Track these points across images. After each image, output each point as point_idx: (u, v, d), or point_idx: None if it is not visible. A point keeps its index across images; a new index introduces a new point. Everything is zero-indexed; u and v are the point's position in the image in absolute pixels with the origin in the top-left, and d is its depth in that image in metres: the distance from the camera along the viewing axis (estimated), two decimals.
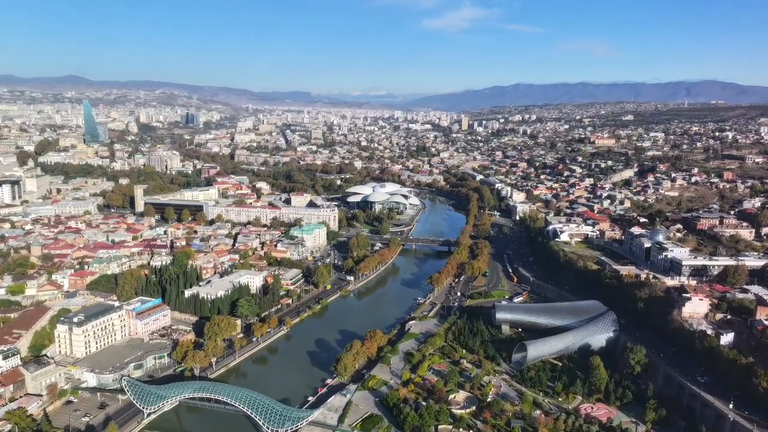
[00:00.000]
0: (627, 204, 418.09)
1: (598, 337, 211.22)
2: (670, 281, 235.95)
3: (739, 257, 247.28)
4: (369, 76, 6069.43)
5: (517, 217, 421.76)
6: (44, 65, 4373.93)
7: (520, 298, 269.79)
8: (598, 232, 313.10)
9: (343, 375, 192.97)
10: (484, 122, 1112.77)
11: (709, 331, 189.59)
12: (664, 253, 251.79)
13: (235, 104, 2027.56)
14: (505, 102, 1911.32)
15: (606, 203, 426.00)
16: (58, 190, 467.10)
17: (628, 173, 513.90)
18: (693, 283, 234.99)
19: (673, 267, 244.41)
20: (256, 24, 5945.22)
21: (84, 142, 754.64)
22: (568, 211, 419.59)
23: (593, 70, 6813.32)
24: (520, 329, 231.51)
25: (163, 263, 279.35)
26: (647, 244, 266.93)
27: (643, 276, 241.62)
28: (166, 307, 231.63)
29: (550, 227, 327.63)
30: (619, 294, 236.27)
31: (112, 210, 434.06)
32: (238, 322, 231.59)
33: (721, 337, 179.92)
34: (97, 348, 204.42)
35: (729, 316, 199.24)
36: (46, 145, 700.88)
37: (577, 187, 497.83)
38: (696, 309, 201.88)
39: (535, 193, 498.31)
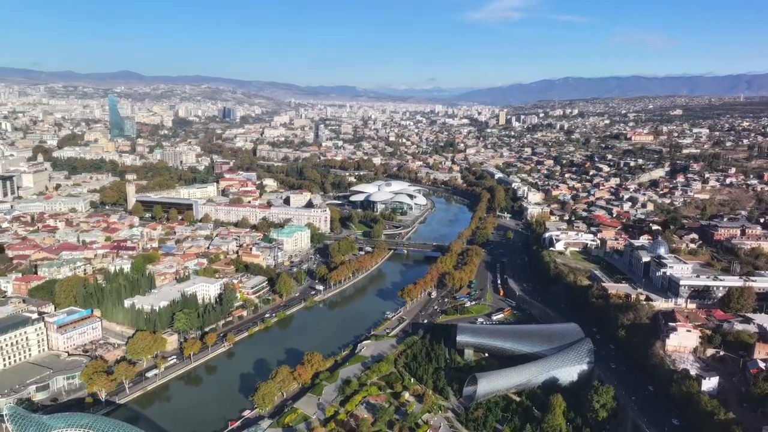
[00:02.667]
0: (650, 207, 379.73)
1: (568, 369, 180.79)
2: (664, 304, 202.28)
3: (754, 276, 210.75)
4: (416, 70, 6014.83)
5: (526, 221, 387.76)
6: (100, 61, 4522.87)
7: (500, 316, 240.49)
8: (598, 242, 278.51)
9: (262, 407, 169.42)
10: (522, 117, 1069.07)
11: (694, 371, 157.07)
12: (662, 270, 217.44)
13: (280, 99, 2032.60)
14: (553, 96, 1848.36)
15: (626, 206, 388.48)
16: (58, 186, 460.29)
17: (659, 173, 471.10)
18: (692, 306, 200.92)
19: (671, 286, 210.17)
20: (301, 19, 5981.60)
21: (110, 137, 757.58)
22: (584, 214, 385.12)
23: (647, 63, 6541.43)
24: (486, 354, 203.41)
25: (117, 268, 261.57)
26: (645, 258, 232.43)
27: (634, 296, 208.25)
28: (96, 318, 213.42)
29: (547, 234, 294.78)
30: (604, 317, 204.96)
31: (107, 207, 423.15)
32: (173, 337, 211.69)
33: (703, 381, 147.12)
34: (6, 365, 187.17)
35: (722, 353, 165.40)
36: (70, 140, 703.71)
37: (600, 188, 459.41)
38: (683, 342, 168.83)
39: (554, 193, 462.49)
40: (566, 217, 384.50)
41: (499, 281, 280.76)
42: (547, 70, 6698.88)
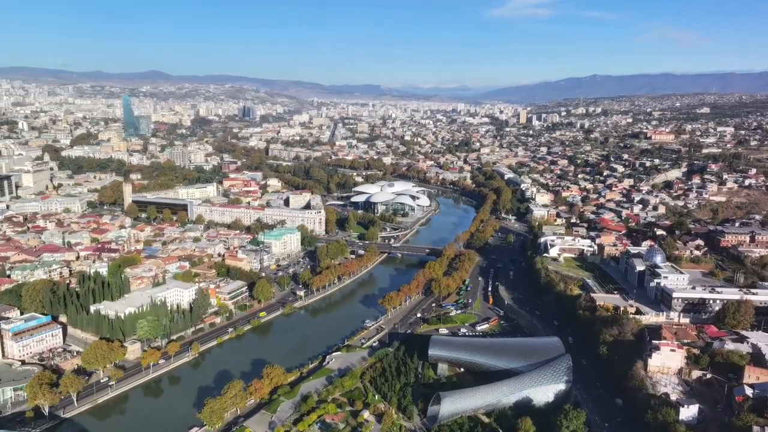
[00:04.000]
0: (661, 210, 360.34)
1: (544, 388, 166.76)
2: (654, 317, 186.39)
3: (756, 288, 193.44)
4: (442, 68, 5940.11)
5: (529, 224, 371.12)
6: (129, 62, 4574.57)
7: (485, 326, 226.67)
8: (595, 248, 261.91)
9: (211, 424, 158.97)
10: (543, 115, 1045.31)
11: (675, 396, 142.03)
12: (655, 280, 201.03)
13: (304, 97, 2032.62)
14: (579, 94, 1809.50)
15: (637, 209, 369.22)
16: (59, 186, 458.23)
17: (675, 173, 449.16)
18: (685, 321, 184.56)
19: (664, 299, 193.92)
20: (325, 18, 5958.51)
21: (124, 136, 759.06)
22: (592, 216, 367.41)
23: (678, 60, 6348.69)
24: (461, 369, 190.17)
25: (93, 271, 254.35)
26: (640, 267, 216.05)
27: (624, 308, 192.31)
28: (56, 325, 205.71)
29: (542, 239, 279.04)
30: (590, 330, 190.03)
31: (105, 207, 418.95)
32: (135, 346, 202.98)
33: (682, 409, 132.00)
34: None
35: (709, 375, 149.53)
36: (83, 139, 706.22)
37: (613, 189, 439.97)
38: (666, 362, 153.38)
39: (564, 194, 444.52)
40: (573, 220, 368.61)
41: (489, 288, 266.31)
42: (575, 67, 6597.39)
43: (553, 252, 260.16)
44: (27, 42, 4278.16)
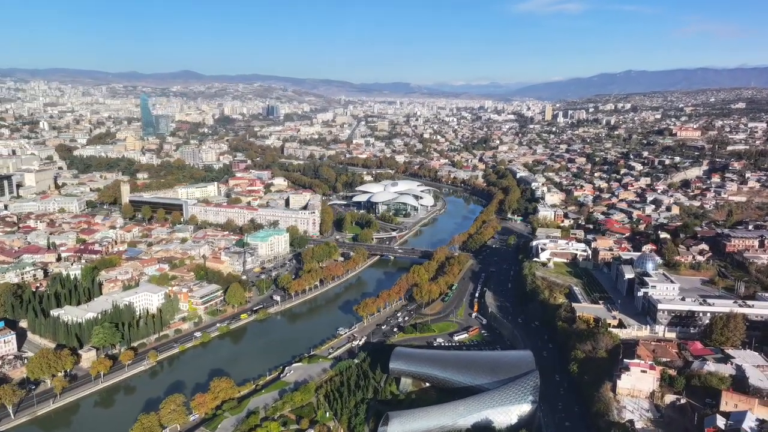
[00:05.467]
0: (675, 210, 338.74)
1: (507, 409, 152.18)
2: (636, 332, 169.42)
3: (754, 300, 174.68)
4: (472, 66, 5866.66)
5: (532, 225, 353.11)
6: (163, 62, 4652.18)
7: (463, 336, 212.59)
8: (588, 252, 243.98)
9: None
10: (570, 112, 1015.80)
11: (641, 424, 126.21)
12: (642, 289, 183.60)
13: (333, 96, 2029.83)
14: (613, 90, 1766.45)
15: (649, 209, 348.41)
16: (62, 185, 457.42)
17: (694, 172, 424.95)
18: (671, 335, 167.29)
19: (650, 310, 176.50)
20: (353, 16, 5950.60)
21: (142, 135, 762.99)
22: (601, 216, 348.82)
23: (717, 53, 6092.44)
24: (427, 384, 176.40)
25: (65, 274, 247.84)
26: (629, 275, 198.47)
27: (605, 321, 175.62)
28: (9, 331, 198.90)
29: (534, 242, 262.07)
30: (567, 344, 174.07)
31: (105, 206, 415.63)
32: (90, 353, 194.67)
33: None
34: None
35: (683, 400, 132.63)
36: (100, 138, 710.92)
37: (629, 188, 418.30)
38: (636, 384, 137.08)
39: (576, 194, 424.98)
40: (581, 221, 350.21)
41: (476, 294, 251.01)
42: (608, 63, 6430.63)
43: (544, 256, 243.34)
44: (67, 45, 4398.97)
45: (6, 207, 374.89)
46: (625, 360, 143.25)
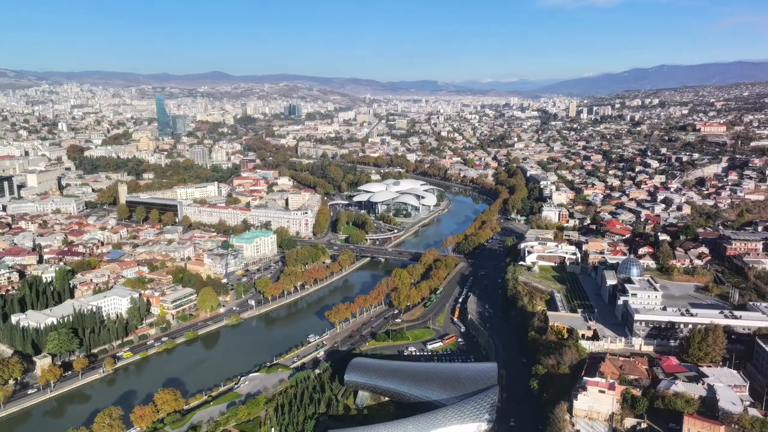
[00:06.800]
0: (686, 210, 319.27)
1: (459, 428, 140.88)
2: (609, 344, 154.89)
3: (744, 311, 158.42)
4: (500, 63, 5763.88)
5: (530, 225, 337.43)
6: (193, 63, 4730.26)
7: (437, 344, 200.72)
8: (578, 256, 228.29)
9: None
10: (595, 108, 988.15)
11: None
12: (622, 297, 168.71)
13: (359, 95, 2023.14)
14: (645, 86, 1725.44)
15: (658, 209, 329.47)
16: (66, 186, 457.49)
17: (712, 169, 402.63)
18: (648, 348, 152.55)
19: (628, 321, 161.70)
20: (380, 15, 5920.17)
21: (158, 135, 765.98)
22: (608, 216, 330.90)
23: (755, 47, 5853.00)
24: (386, 398, 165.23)
25: (42, 277, 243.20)
26: (611, 281, 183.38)
27: (577, 332, 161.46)
28: None
29: (522, 244, 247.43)
30: (533, 358, 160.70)
31: (104, 207, 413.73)
32: (45, 360, 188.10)
33: None
34: None
35: (644, 424, 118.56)
36: (115, 139, 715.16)
37: (642, 186, 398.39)
38: (594, 405, 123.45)
39: (585, 192, 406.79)
40: (587, 221, 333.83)
41: (460, 299, 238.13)
42: (640, 58, 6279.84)
43: (530, 259, 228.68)
44: (102, 48, 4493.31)
45: (4, 208, 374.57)
46: (585, 378, 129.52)
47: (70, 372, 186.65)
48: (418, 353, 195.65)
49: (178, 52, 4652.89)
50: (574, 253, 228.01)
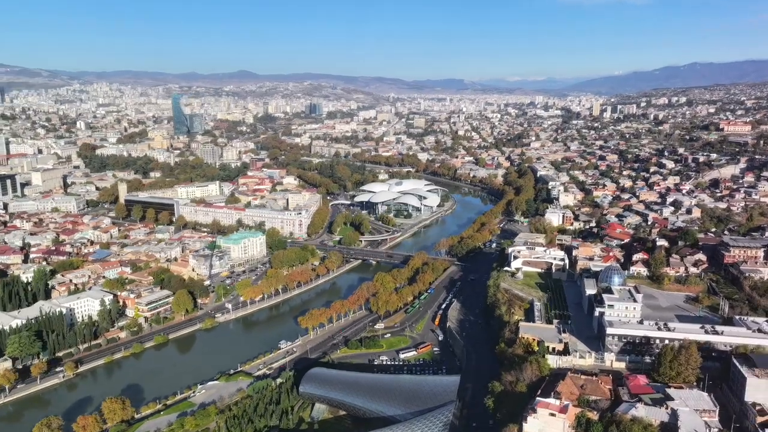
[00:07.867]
0: (696, 213, 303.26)
1: None
2: (578, 360, 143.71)
3: (728, 326, 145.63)
4: (528, 61, 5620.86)
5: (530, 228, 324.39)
6: (221, 63, 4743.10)
7: (411, 353, 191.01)
8: (566, 262, 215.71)
9: None
10: (619, 107, 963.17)
11: None
12: (598, 309, 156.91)
13: (383, 93, 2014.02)
14: (677, 84, 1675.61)
15: (667, 212, 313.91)
16: (70, 184, 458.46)
17: (729, 170, 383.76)
18: (620, 365, 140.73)
19: (601, 334, 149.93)
20: (404, 13, 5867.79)
21: (174, 133, 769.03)
22: (614, 219, 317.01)
23: None
24: (343, 412, 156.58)
25: (16, 276, 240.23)
26: (590, 290, 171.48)
27: (551, 345, 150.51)
28: None
29: (509, 249, 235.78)
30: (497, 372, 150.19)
31: (105, 206, 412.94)
32: (5, 364, 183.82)
33: None
34: None
35: None
36: (131, 137, 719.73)
37: (655, 187, 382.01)
38: (545, 430, 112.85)
39: (595, 194, 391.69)
40: (592, 224, 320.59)
41: (443, 306, 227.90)
42: (671, 55, 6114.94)
43: (515, 265, 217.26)
44: (132, 48, 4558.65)
45: (5, 206, 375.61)
46: (538, 398, 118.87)
47: (29, 377, 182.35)
48: (389, 362, 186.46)
49: (207, 52, 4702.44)
50: (562, 259, 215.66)
